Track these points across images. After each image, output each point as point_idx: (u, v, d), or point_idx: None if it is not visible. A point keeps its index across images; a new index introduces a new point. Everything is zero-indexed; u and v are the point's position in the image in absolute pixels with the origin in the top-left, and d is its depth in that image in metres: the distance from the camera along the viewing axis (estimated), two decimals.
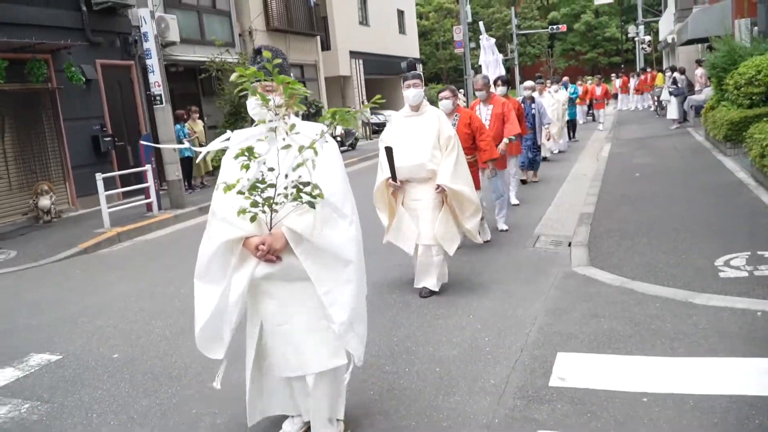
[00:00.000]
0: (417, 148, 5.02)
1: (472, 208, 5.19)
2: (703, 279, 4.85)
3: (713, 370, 3.39)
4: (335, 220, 2.68)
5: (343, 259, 2.71)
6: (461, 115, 6.17)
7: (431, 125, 5.09)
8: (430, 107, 5.24)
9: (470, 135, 6.10)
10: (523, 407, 3.19)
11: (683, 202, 7.74)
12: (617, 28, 50.73)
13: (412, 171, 5.07)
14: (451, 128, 5.18)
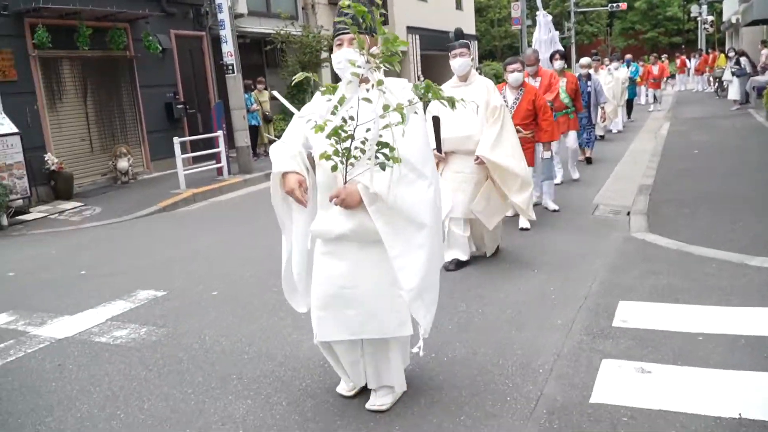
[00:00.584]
0: (464, 119, 4.78)
1: (518, 182, 5.04)
2: (758, 244, 5.11)
3: (764, 317, 3.71)
4: (413, 181, 2.60)
5: (418, 222, 2.62)
6: (527, 90, 6.16)
7: (480, 95, 4.95)
8: (478, 77, 5.18)
9: (532, 112, 6.10)
10: (590, 341, 3.58)
11: (740, 177, 7.89)
12: (679, 7, 49.18)
13: (459, 142, 4.99)
14: (499, 98, 5.09)
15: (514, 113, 5.95)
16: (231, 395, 3.28)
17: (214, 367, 3.63)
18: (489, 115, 4.95)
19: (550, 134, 6.20)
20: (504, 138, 4.95)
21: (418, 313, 2.70)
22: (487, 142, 4.89)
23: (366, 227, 2.61)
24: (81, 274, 5.96)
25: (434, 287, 2.80)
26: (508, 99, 6.17)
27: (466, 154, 5.00)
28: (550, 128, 6.16)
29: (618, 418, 2.76)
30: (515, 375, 3.25)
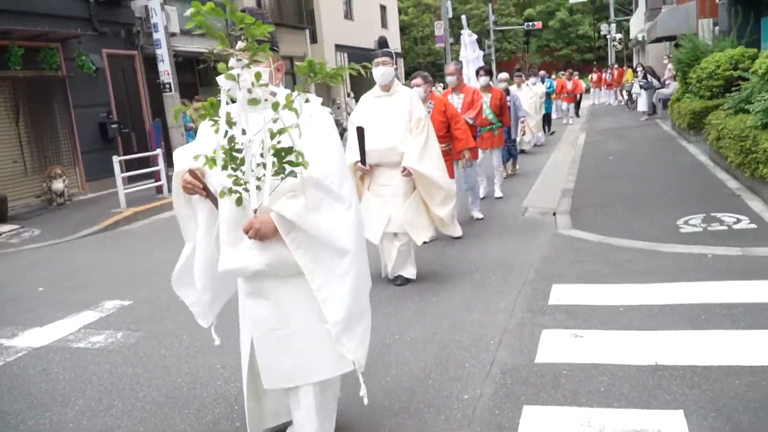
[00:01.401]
0: (388, 130, 4.81)
1: (442, 194, 4.95)
2: (667, 234, 5.85)
3: (675, 290, 4.38)
4: (331, 204, 2.35)
5: (339, 249, 2.39)
6: (435, 102, 6.02)
7: (403, 106, 4.88)
8: (402, 87, 5.02)
9: (445, 123, 5.94)
10: (530, 317, 4.13)
11: (651, 179, 8.78)
12: (590, 26, 52.19)
13: (383, 155, 4.87)
14: (422, 109, 4.98)
15: None
16: (219, 381, 3.63)
17: (198, 360, 3.96)
18: (413, 126, 4.85)
19: (465, 141, 6.02)
20: (429, 149, 4.85)
21: (348, 346, 2.43)
22: (413, 153, 4.77)
23: (284, 259, 2.34)
24: (39, 290, 6.08)
25: (365, 316, 2.57)
26: None
27: (392, 167, 4.89)
28: (464, 136, 6.01)
29: (559, 372, 3.30)
30: (471, 347, 3.76)
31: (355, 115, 5.04)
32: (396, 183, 4.90)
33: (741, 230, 5.74)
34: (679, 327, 3.75)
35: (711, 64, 11.63)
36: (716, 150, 8.95)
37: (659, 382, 3.13)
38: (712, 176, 8.47)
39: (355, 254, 2.45)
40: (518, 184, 9.81)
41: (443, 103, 6.08)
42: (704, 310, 3.95)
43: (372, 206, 4.92)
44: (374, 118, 4.89)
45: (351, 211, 2.43)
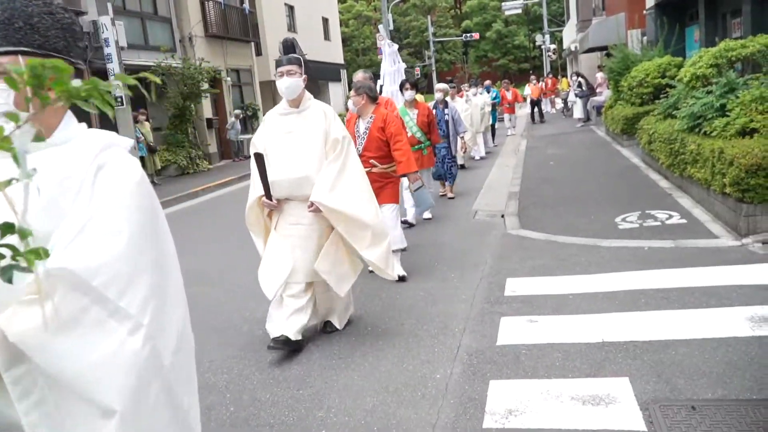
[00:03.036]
0: (299, 155, 3.95)
1: (368, 234, 4.03)
2: (606, 231, 6.40)
3: (616, 278, 4.88)
4: (97, 322, 1.31)
5: (102, 406, 1.31)
6: (376, 117, 5.39)
7: (316, 125, 3.99)
8: (314, 102, 4.12)
9: (385, 142, 5.35)
10: (489, 307, 4.55)
11: (590, 181, 9.42)
12: (525, 36, 54.04)
13: (293, 186, 3.96)
14: (340, 128, 4.09)
15: (365, 144, 5.37)
16: (208, 373, 3.89)
17: None
18: (329, 150, 3.99)
19: (406, 165, 5.31)
20: (347, 177, 3.99)
21: None
22: (324, 184, 3.90)
23: None
24: None
25: None
26: (360, 128, 5.47)
27: (304, 201, 3.98)
28: (404, 157, 5.30)
29: (519, 351, 3.72)
30: (438, 335, 4.14)
31: (258, 138, 4.09)
32: (308, 220, 3.99)
33: (673, 225, 6.33)
34: (622, 310, 4.23)
35: (641, 73, 12.47)
36: (648, 153, 9.66)
37: (606, 355, 3.57)
38: (645, 177, 9.17)
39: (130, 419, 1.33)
40: (467, 189, 10.30)
41: (383, 118, 5.36)
42: (643, 295, 4.44)
43: (276, 251, 4.01)
44: (281, 140, 4.00)
45: (137, 339, 1.35)
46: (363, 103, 5.39)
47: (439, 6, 54.97)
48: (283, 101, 4.10)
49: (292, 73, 3.95)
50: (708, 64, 7.87)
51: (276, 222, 4.11)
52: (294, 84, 3.96)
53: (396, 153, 5.32)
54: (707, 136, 6.61)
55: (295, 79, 3.95)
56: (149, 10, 17.22)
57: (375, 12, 46.47)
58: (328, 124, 4.03)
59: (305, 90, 4.07)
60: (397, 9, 47.10)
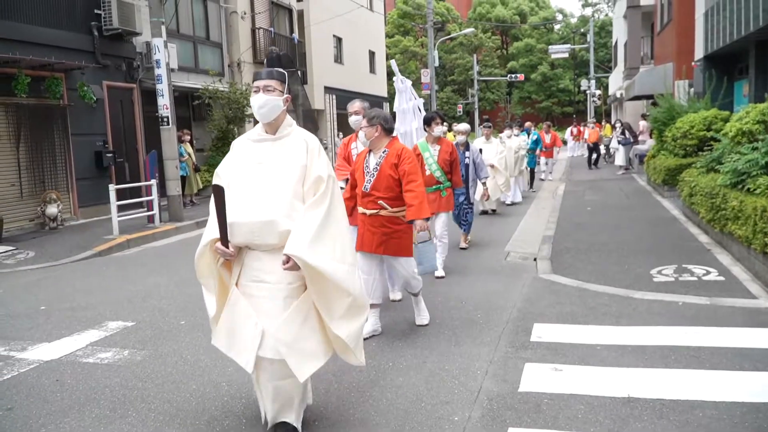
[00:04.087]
0: (266, 193, 3.13)
1: (346, 302, 3.19)
2: (640, 282, 6.27)
3: (647, 332, 4.76)
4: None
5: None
6: (389, 151, 4.77)
7: (294, 157, 3.19)
8: (296, 129, 3.33)
9: (397, 181, 4.73)
10: (514, 351, 4.48)
11: (627, 229, 9.27)
12: (570, 80, 53.94)
13: (255, 232, 3.11)
14: (325, 165, 3.23)
15: (374, 182, 4.76)
16: (226, 397, 3.91)
17: (203, 378, 4.24)
18: (309, 190, 3.16)
19: (417, 210, 4.65)
20: (333, 229, 3.16)
21: None
22: (303, 234, 3.04)
23: None
24: (42, 308, 6.30)
25: None
26: (370, 163, 4.84)
27: (270, 251, 3.15)
28: (416, 201, 4.64)
29: (540, 400, 3.64)
30: (459, 375, 4.08)
31: (223, 167, 3.29)
32: (275, 278, 3.14)
33: (710, 281, 6.18)
34: (651, 365, 4.12)
35: (686, 124, 12.32)
36: (689, 205, 9.49)
37: (631, 411, 3.48)
38: (684, 230, 8.98)
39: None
40: (501, 230, 10.24)
41: (397, 153, 4.75)
42: (673, 352, 4.33)
43: (240, 312, 3.18)
44: (249, 172, 3.20)
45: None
46: (376, 136, 4.77)
47: (486, 46, 55.32)
48: (258, 126, 3.33)
49: (270, 89, 3.20)
50: (755, 120, 7.74)
51: (237, 275, 3.22)
52: (271, 103, 3.19)
53: (408, 195, 4.69)
54: (750, 193, 6.47)
55: (272, 97, 3.20)
56: (202, 34, 17.77)
57: (421, 48, 47.00)
58: (309, 157, 3.22)
59: (287, 113, 3.33)
60: (443, 46, 47.65)
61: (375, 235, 4.82)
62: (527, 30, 57.06)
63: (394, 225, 4.81)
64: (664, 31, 20.55)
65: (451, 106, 49.40)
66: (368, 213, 4.85)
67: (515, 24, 55.81)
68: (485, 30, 55.45)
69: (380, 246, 4.82)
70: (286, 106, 3.29)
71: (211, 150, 17.13)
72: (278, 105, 3.22)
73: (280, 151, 3.24)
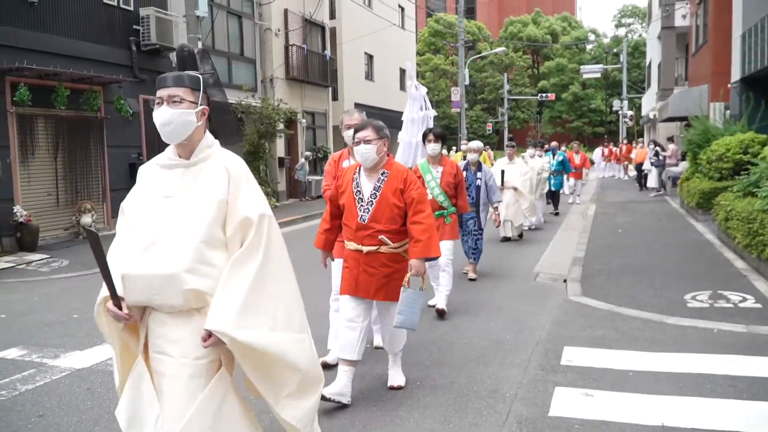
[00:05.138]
0: (171, 237, 2.39)
1: (295, 378, 2.53)
2: (674, 307, 6.14)
3: (681, 359, 4.65)
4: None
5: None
6: (391, 174, 3.95)
7: (210, 190, 2.42)
8: (217, 152, 2.54)
9: (402, 210, 3.91)
10: (544, 375, 4.41)
11: (659, 253, 9.11)
12: (602, 100, 53.57)
13: (155, 288, 2.37)
14: (256, 200, 2.46)
15: (373, 212, 3.90)
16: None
17: None
18: (234, 237, 2.41)
19: (425, 246, 3.84)
20: (268, 290, 2.42)
21: None
22: (229, 302, 2.32)
23: None
24: (74, 317, 6.40)
25: None
26: (363, 187, 3.97)
27: (176, 316, 2.42)
28: (425, 236, 3.85)
29: (571, 425, 3.58)
30: (488, 397, 4.03)
31: (128, 202, 2.57)
32: (180, 350, 2.40)
33: (746, 309, 6.03)
34: (685, 393, 4.02)
35: (721, 147, 12.11)
36: (724, 230, 9.30)
37: None
38: (719, 254, 8.80)
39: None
40: (530, 250, 10.14)
41: (403, 177, 3.95)
42: (709, 380, 4.22)
43: (143, 395, 2.46)
44: (152, 210, 2.46)
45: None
46: (383, 153, 4.00)
47: (517, 65, 55.35)
48: (169, 147, 2.57)
49: (177, 100, 2.45)
50: None
51: (143, 341, 2.49)
52: (178, 118, 2.43)
53: (415, 228, 3.86)
54: None
55: (181, 110, 2.44)
56: (236, 50, 18.08)
57: (452, 66, 47.16)
58: (232, 190, 2.42)
59: (205, 131, 2.53)
60: (474, 65, 47.73)
61: (374, 277, 3.91)
62: (559, 49, 56.96)
63: (396, 263, 3.98)
64: (699, 53, 20.33)
65: (480, 125, 49.38)
66: (365, 250, 3.91)
67: (546, 43, 55.73)
68: (516, 49, 55.50)
69: (380, 290, 3.94)
70: (202, 121, 2.50)
71: None
72: (189, 121, 2.45)
73: (194, 181, 2.46)
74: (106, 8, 12.94)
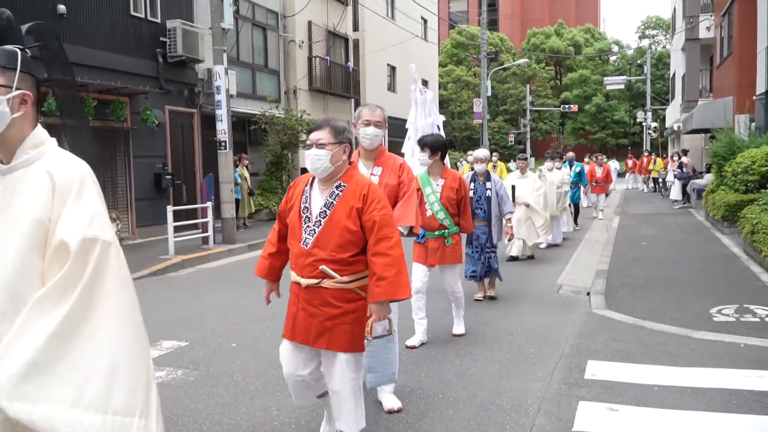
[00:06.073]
0: None
1: None
2: (699, 321, 6.06)
3: (707, 374, 4.58)
4: None
5: None
6: (349, 186, 3.07)
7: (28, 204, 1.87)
8: (50, 150, 1.99)
9: (357, 237, 3.04)
10: (567, 389, 4.37)
11: (684, 266, 9.00)
12: (626, 112, 53.12)
13: None
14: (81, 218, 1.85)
15: (318, 234, 3.07)
16: (276, 422, 3.93)
17: (254, 401, 4.27)
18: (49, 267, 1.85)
19: (391, 286, 2.94)
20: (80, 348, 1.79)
21: None
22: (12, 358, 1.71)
23: None
24: None
25: None
26: (313, 207, 3.13)
27: None
28: (392, 271, 2.94)
29: None
30: (511, 411, 4.01)
31: None
32: None
33: None
34: (711, 409, 3.96)
35: (747, 159, 11.97)
36: (750, 243, 9.16)
37: None
38: (745, 268, 8.67)
39: None
40: (551, 263, 10.07)
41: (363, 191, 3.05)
42: (735, 396, 4.15)
43: None
44: None
45: None
46: (342, 161, 3.10)
47: (539, 76, 55.16)
48: None
49: None
50: None
51: None
52: None
53: (377, 261, 2.96)
54: None
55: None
56: (261, 62, 18.29)
57: (474, 77, 47.16)
58: (56, 205, 1.86)
59: (35, 124, 2.00)
60: (496, 76, 47.67)
61: (315, 318, 3.07)
62: (582, 61, 56.69)
63: (346, 303, 3.06)
64: (723, 65, 20.13)
65: (502, 136, 49.25)
66: (303, 283, 3.09)
67: (569, 55, 55.52)
68: (539, 60, 55.35)
69: (322, 336, 3.06)
70: (24, 111, 1.92)
71: (265, 174, 17.48)
72: (2, 112, 1.87)
73: (12, 193, 1.90)
74: (134, 20, 13.20)
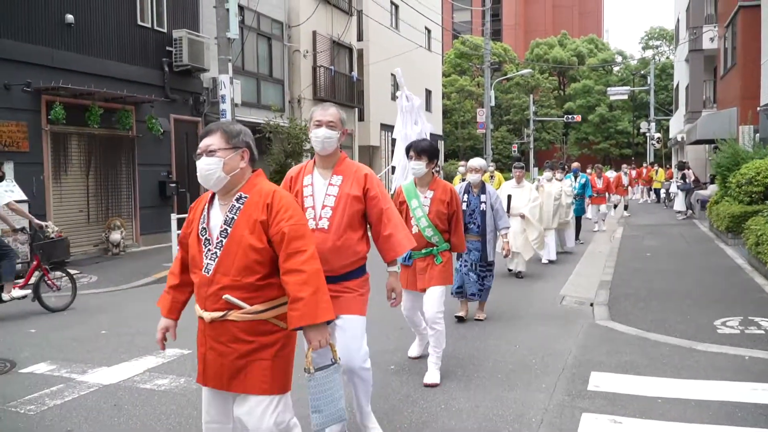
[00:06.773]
0: None
1: None
2: (704, 333, 6.04)
3: (711, 387, 4.57)
4: None
5: None
6: (250, 198, 2.62)
7: None
8: None
9: (264, 255, 2.61)
10: (570, 400, 4.36)
11: (688, 277, 8.98)
12: (629, 122, 53.13)
13: None
14: None
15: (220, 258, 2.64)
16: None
17: None
18: None
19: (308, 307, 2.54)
20: None
21: None
22: None
23: None
24: (102, 332, 6.50)
25: None
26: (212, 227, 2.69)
27: None
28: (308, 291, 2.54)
29: None
30: (513, 422, 4.00)
31: None
32: None
33: None
34: (716, 422, 3.94)
35: (751, 170, 11.95)
36: (754, 254, 9.14)
37: None
38: (749, 280, 8.64)
39: None
40: (554, 274, 10.04)
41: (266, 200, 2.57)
42: (740, 409, 4.13)
43: None
44: None
45: None
46: (240, 169, 2.65)
47: (543, 86, 55.25)
48: None
49: None
50: None
51: None
52: None
53: (291, 280, 2.54)
54: None
55: None
56: (265, 71, 18.37)
57: (477, 87, 47.26)
58: None
59: None
60: (499, 86, 47.77)
61: (224, 357, 2.64)
62: (585, 71, 56.77)
63: (259, 336, 2.63)
64: (727, 75, 20.14)
65: (506, 146, 49.26)
66: (207, 317, 2.67)
67: (573, 65, 55.63)
68: (542, 71, 55.46)
69: (236, 377, 2.64)
70: None
71: None
72: None
73: None
74: (141, 30, 13.29)
